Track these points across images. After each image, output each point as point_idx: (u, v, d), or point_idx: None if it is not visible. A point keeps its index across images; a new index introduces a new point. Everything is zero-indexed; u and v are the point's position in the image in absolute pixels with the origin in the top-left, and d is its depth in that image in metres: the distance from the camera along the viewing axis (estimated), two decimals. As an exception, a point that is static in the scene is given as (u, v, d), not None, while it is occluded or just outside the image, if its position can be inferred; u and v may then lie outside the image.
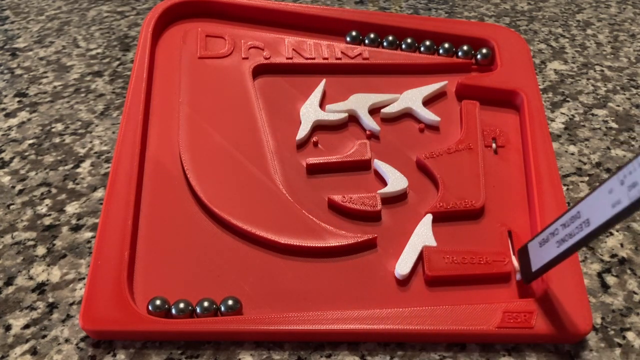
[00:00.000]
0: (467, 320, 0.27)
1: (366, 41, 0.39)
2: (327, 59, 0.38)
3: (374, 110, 0.36)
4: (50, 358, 0.27)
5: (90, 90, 0.46)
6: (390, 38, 0.39)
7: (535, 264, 0.27)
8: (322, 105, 0.36)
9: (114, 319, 0.27)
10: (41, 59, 0.50)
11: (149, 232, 0.31)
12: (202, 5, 0.40)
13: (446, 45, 0.39)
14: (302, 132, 0.35)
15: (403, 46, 0.39)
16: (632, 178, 0.21)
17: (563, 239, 0.25)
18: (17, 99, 0.45)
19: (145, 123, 0.34)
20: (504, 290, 0.29)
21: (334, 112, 0.36)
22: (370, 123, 0.35)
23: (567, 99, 0.45)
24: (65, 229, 0.34)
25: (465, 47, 0.39)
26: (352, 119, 0.36)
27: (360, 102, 0.36)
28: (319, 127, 0.35)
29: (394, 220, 0.32)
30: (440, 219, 0.31)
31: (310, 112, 0.35)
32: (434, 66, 0.39)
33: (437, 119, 0.35)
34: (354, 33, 0.39)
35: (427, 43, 0.39)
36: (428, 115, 0.36)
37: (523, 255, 0.29)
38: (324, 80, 0.37)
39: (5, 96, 0.45)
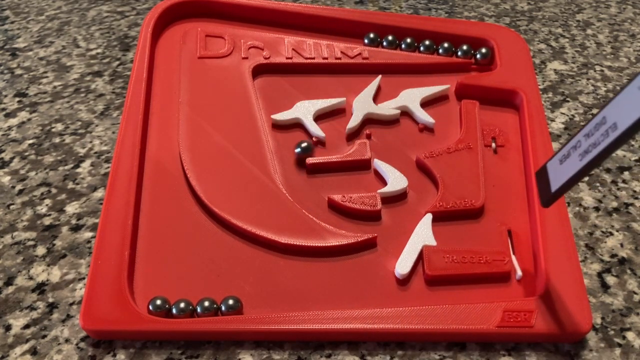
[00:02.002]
0: (467, 320, 0.27)
1: (384, 43, 0.39)
2: (326, 58, 0.38)
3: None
4: (50, 358, 0.27)
5: (90, 90, 0.46)
6: (390, 38, 0.39)
7: (556, 183, 0.25)
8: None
9: (114, 319, 0.27)
10: (41, 59, 0.50)
11: (149, 232, 0.31)
12: (202, 5, 0.40)
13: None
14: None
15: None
16: None
17: (586, 150, 0.23)
18: (17, 99, 0.45)
19: (145, 123, 0.34)
20: (504, 289, 0.29)
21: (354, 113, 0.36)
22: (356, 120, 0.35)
23: (567, 99, 0.45)
24: (65, 229, 0.34)
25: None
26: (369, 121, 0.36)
27: (364, 104, 0.36)
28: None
29: (394, 220, 0.32)
30: (440, 218, 0.31)
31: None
32: (434, 66, 0.39)
33: (432, 120, 0.35)
34: (372, 35, 0.39)
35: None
36: (423, 116, 0.36)
37: (541, 177, 0.27)
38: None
39: (5, 96, 0.45)
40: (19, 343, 0.28)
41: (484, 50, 0.38)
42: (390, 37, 0.39)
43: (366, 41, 0.39)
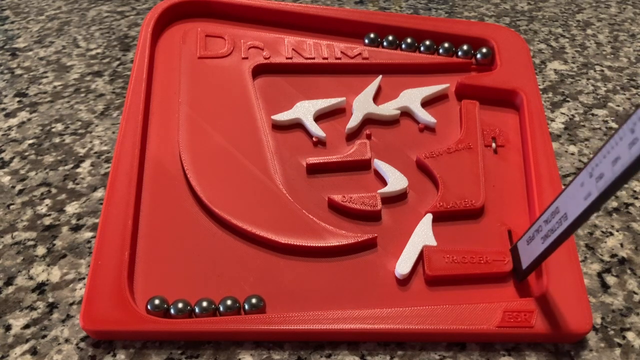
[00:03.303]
0: (467, 320, 0.27)
1: (384, 43, 0.39)
2: (326, 58, 0.38)
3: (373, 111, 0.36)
4: (50, 358, 0.27)
5: (90, 90, 0.46)
6: (391, 38, 0.39)
7: (525, 261, 0.28)
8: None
9: (114, 319, 0.27)
10: (41, 59, 0.50)
11: (149, 232, 0.31)
12: (201, 5, 0.40)
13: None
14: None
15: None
16: (599, 170, 0.21)
17: (546, 234, 0.25)
18: (17, 99, 0.45)
19: (145, 123, 0.34)
20: (504, 289, 0.29)
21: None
22: (354, 121, 0.35)
23: (567, 99, 0.45)
24: (65, 229, 0.34)
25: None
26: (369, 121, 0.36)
27: (363, 104, 0.36)
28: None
29: (394, 220, 0.32)
30: (440, 218, 0.31)
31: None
32: (434, 66, 0.39)
33: (434, 120, 0.35)
34: (372, 35, 0.39)
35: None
36: (425, 116, 0.36)
37: (514, 254, 0.29)
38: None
39: (5, 96, 0.45)
40: (19, 343, 0.28)
41: (484, 50, 0.38)
42: (390, 37, 0.39)
43: (366, 41, 0.39)
